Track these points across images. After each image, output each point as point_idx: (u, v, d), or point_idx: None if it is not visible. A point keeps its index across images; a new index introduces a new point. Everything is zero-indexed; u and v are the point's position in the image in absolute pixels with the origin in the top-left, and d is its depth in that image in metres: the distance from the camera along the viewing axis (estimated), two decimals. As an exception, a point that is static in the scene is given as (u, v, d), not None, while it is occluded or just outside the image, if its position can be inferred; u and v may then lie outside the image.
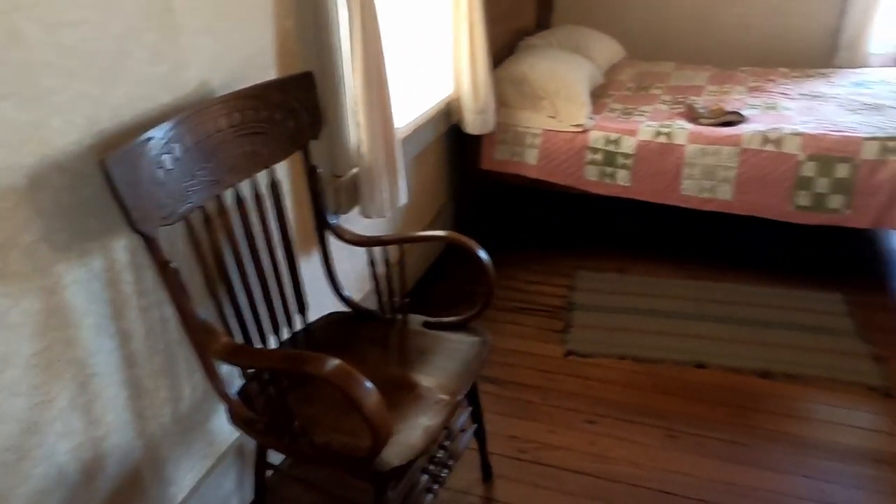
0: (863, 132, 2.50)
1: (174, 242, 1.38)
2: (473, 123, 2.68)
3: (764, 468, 1.80)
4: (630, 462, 1.83)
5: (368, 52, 1.78)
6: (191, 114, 1.28)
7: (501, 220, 3.24)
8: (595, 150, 2.72)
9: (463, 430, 1.68)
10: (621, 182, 2.71)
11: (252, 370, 1.38)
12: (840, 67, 3.50)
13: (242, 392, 1.42)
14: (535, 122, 2.80)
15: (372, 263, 1.69)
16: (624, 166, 2.69)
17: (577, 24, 3.72)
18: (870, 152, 2.43)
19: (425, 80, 2.63)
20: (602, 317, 2.45)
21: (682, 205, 2.66)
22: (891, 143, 2.42)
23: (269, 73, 1.63)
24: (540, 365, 2.23)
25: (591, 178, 2.76)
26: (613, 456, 1.85)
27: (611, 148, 2.69)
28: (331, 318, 1.69)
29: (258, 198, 1.49)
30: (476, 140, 2.87)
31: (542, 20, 3.81)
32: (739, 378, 2.13)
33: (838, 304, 2.49)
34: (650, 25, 3.96)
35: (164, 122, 1.21)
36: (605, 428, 1.95)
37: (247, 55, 1.53)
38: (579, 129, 2.73)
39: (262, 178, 1.57)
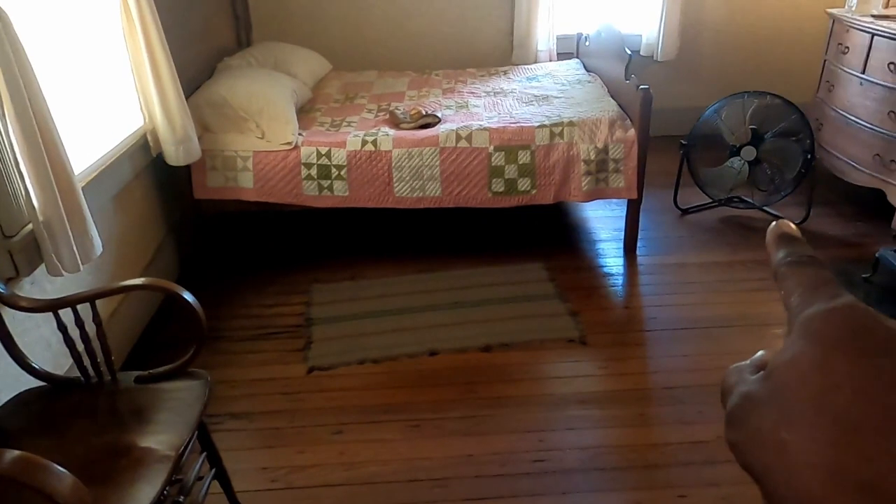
0: (535, 121, 2.89)
1: None
2: (176, 154, 2.55)
3: (494, 434, 2.01)
4: (378, 461, 1.91)
5: (19, 94, 1.60)
6: None
7: (230, 246, 3.15)
8: (309, 166, 2.77)
9: (200, 479, 1.62)
10: (339, 193, 2.80)
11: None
12: (516, 64, 3.98)
13: None
14: (244, 144, 2.76)
15: (62, 328, 1.53)
16: (339, 177, 2.78)
17: (279, 41, 3.74)
18: (542, 139, 2.82)
19: (110, 114, 2.43)
20: (340, 327, 2.52)
21: (399, 206, 2.83)
22: (556, 129, 2.83)
23: None
24: (285, 388, 2.22)
25: (310, 194, 2.80)
26: (362, 460, 1.92)
27: (323, 161, 2.76)
28: (21, 399, 1.50)
29: None
30: (185, 170, 2.74)
31: (243, 39, 3.75)
32: (466, 357, 2.34)
33: (541, 272, 2.86)
34: (351, 36, 4.12)
35: None
36: (352, 435, 2.01)
37: None
38: (289, 147, 2.75)
39: None
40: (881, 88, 3.01)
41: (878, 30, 3.04)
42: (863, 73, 3.13)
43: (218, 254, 3.06)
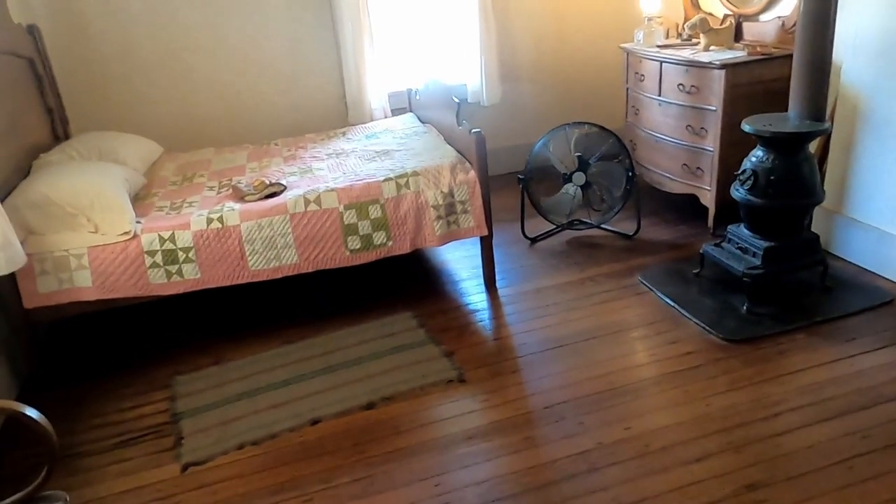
0: (380, 176, 2.96)
1: None
2: (-3, 263, 2.32)
3: (390, 490, 1.97)
4: (274, 547, 1.81)
5: None
6: None
7: (74, 353, 2.89)
8: (153, 253, 2.63)
9: None
10: (190, 276, 2.68)
11: None
12: (353, 125, 4.07)
13: None
14: (76, 242, 2.58)
15: None
16: (188, 260, 2.66)
17: (102, 130, 3.56)
18: (389, 191, 2.89)
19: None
20: (211, 415, 2.38)
21: (256, 279, 2.76)
22: (402, 180, 2.91)
23: None
24: (158, 494, 2.05)
25: (158, 282, 2.65)
26: (256, 549, 1.81)
27: (168, 246, 2.64)
28: None
29: None
30: (9, 279, 2.49)
31: (59, 132, 3.52)
32: (350, 419, 2.29)
33: (410, 321, 2.89)
34: (180, 117, 4.01)
35: None
36: (241, 526, 1.89)
37: None
38: (128, 237, 2.61)
39: None
40: (676, 107, 3.42)
41: (664, 58, 3.47)
42: (659, 95, 3.54)
43: (61, 363, 2.80)
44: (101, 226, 2.60)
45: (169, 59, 3.90)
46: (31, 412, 1.40)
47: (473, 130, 2.93)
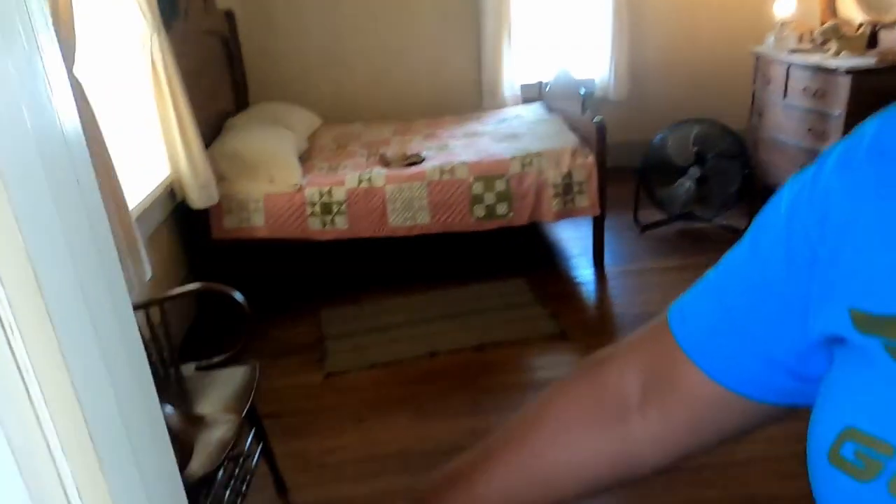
0: (507, 155, 3.32)
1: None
2: (199, 198, 2.93)
3: (492, 412, 2.35)
4: (396, 440, 2.24)
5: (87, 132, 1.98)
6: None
7: (245, 282, 3.48)
8: (313, 204, 3.15)
9: (250, 455, 1.93)
10: (340, 226, 3.18)
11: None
12: (486, 110, 4.46)
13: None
14: (255, 189, 3.15)
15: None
16: (340, 212, 3.17)
17: (274, 101, 4.18)
18: (515, 168, 3.24)
19: (140, 163, 2.82)
20: (349, 341, 2.86)
21: (393, 234, 3.22)
22: (526, 160, 3.26)
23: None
24: (307, 392, 2.55)
25: (315, 228, 3.18)
26: (382, 440, 2.25)
27: (326, 199, 3.15)
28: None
29: None
30: (203, 214, 3.10)
31: (240, 101, 4.18)
32: (463, 355, 2.69)
33: (522, 285, 3.24)
34: (337, 93, 4.58)
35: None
36: (371, 422, 2.34)
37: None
38: (296, 189, 3.15)
39: None
40: (800, 110, 3.51)
41: (792, 62, 3.56)
42: (784, 98, 3.64)
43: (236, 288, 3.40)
44: (276, 178, 3.16)
45: (331, 43, 4.47)
46: (238, 295, 1.90)
47: (595, 119, 3.22)
